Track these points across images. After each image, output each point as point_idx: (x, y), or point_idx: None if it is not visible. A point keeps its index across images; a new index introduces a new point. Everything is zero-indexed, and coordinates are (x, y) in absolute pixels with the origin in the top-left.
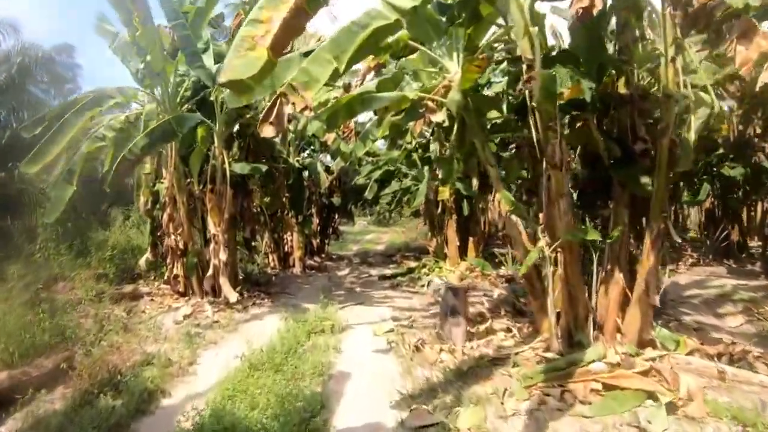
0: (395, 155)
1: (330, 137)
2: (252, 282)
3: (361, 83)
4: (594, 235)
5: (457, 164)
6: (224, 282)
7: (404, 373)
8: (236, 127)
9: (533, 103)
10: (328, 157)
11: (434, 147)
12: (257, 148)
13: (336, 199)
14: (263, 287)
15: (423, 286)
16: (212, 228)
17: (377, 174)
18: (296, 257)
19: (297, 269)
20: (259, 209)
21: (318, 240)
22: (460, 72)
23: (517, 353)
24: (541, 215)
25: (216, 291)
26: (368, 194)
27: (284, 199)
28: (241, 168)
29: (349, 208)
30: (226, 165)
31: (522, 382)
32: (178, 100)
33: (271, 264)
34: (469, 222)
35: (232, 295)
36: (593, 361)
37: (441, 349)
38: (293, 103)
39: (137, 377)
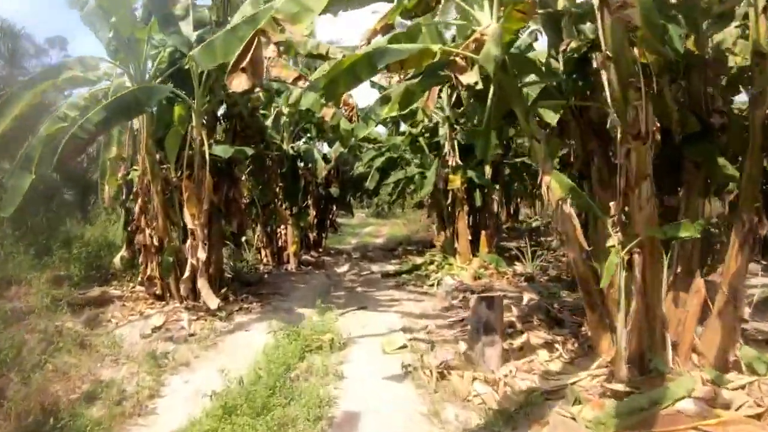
0: (399, 141)
1: (327, 113)
2: (241, 282)
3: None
4: (688, 231)
5: (495, 137)
6: (203, 285)
7: (429, 414)
8: (222, 108)
9: (608, 53)
10: (326, 147)
11: (444, 131)
12: (245, 132)
13: (334, 190)
14: (253, 287)
15: (432, 285)
16: (189, 222)
17: (379, 161)
18: (291, 253)
19: (292, 265)
20: (249, 200)
21: (315, 233)
22: (496, 21)
23: (573, 383)
24: (612, 205)
25: (196, 295)
26: (369, 184)
27: (277, 190)
28: (223, 151)
29: (348, 199)
30: (206, 148)
31: (594, 430)
32: (151, 72)
33: (264, 260)
34: (481, 214)
35: (213, 301)
36: (682, 397)
37: (474, 378)
38: (275, 44)
39: (77, 419)
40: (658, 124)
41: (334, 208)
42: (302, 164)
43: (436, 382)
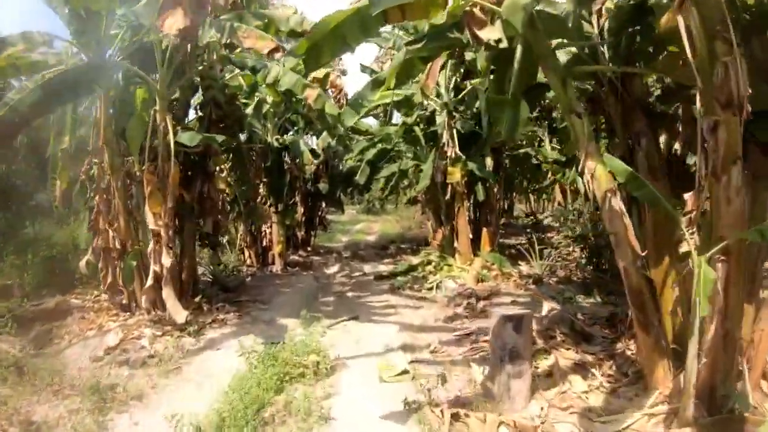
0: (392, 131)
1: (311, 95)
2: (220, 287)
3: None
4: None
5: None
6: (169, 295)
7: None
8: (198, 97)
9: None
10: (314, 140)
11: (441, 119)
12: (224, 121)
13: (323, 185)
14: (233, 294)
15: (431, 289)
16: (151, 222)
17: (371, 154)
18: (276, 253)
19: (277, 267)
20: (231, 197)
21: (303, 232)
22: None
23: (626, 427)
24: (687, 198)
25: (163, 306)
26: (359, 178)
27: (261, 185)
28: (190, 139)
29: (338, 195)
30: (171, 135)
31: None
32: (112, 50)
33: (248, 261)
34: (481, 210)
35: (180, 314)
36: None
37: (500, 422)
38: None
39: None
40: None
41: (324, 204)
42: (289, 158)
43: (449, 426)
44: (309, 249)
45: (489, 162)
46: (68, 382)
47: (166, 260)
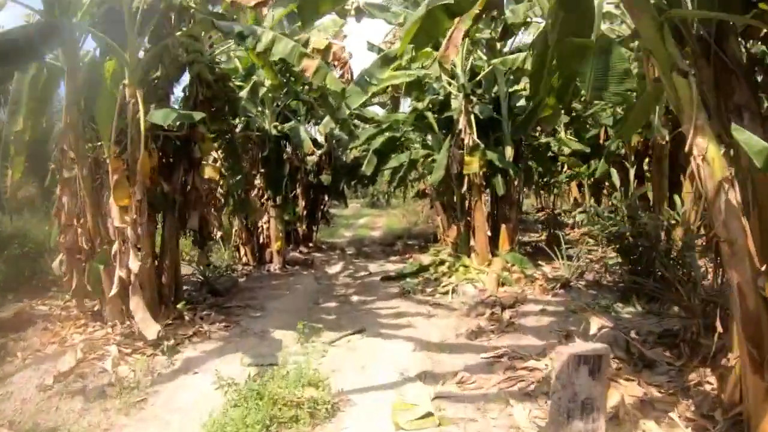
0: (401, 118)
1: (309, 67)
2: (209, 290)
3: None
4: None
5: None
6: (138, 305)
7: None
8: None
9: None
10: (316, 130)
11: (457, 104)
12: (213, 103)
13: (325, 177)
14: (223, 298)
15: (446, 293)
16: (116, 217)
17: (378, 142)
18: (274, 250)
19: (275, 265)
20: (226, 189)
21: (304, 227)
22: None
23: None
24: None
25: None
26: (365, 169)
27: (258, 176)
28: (164, 117)
29: (342, 188)
30: (141, 114)
31: None
32: (79, 16)
33: (243, 259)
34: (500, 204)
35: (150, 329)
36: None
37: None
38: None
39: None
40: None
41: (326, 197)
42: (290, 148)
43: None
44: (310, 245)
45: (509, 152)
46: (9, 418)
47: (134, 264)
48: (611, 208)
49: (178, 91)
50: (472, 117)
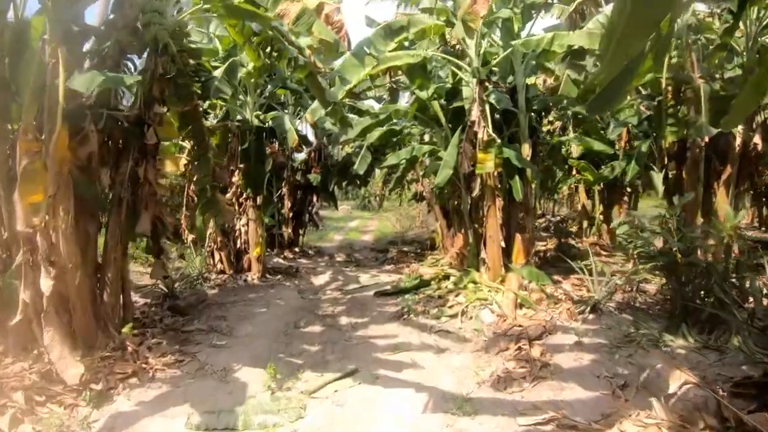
0: (401, 109)
1: (289, 14)
2: (169, 308)
3: None
4: None
5: None
6: (53, 339)
7: None
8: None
9: None
10: (308, 128)
11: (470, 91)
12: (178, 81)
13: (314, 176)
14: (184, 318)
15: (455, 316)
16: (21, 219)
17: (374, 137)
18: (252, 257)
19: (254, 275)
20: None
21: (290, 230)
22: None
23: None
24: None
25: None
26: (358, 167)
27: (237, 172)
28: (87, 82)
29: (332, 188)
30: (61, 79)
31: None
32: None
33: (218, 266)
34: (512, 210)
35: (70, 370)
36: None
37: None
38: None
39: None
40: None
41: (315, 198)
42: (277, 142)
43: None
44: (296, 250)
45: (526, 150)
46: None
47: (45, 283)
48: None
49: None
50: (487, 107)
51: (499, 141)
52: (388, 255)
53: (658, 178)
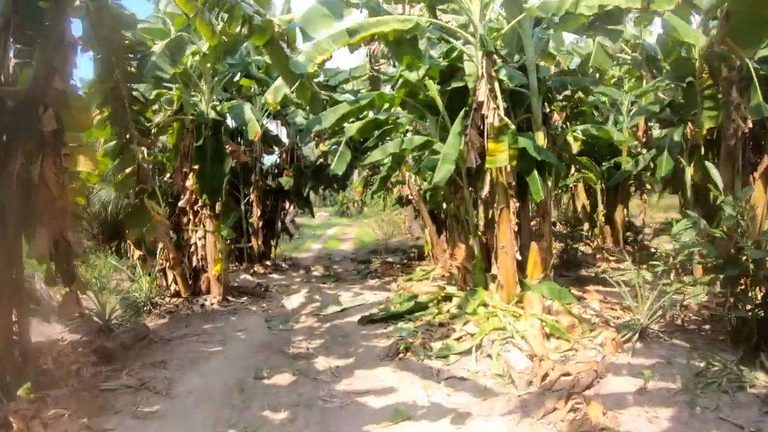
0: (386, 94)
1: None
2: (95, 350)
3: None
4: None
5: None
6: None
7: None
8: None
9: None
10: (276, 125)
11: (473, 66)
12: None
13: (286, 180)
14: (111, 367)
15: (467, 353)
16: None
17: (354, 128)
18: (211, 277)
19: (214, 298)
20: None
21: (260, 241)
22: None
23: None
24: None
25: None
26: (336, 166)
27: (190, 174)
28: None
29: (307, 193)
30: None
31: None
32: None
33: (172, 288)
34: (523, 213)
35: None
36: None
37: None
38: None
39: None
40: None
41: (287, 205)
42: (242, 142)
43: None
44: (268, 264)
45: (540, 139)
46: None
47: None
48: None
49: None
50: (497, 86)
51: (513, 127)
52: (370, 267)
53: (713, 171)
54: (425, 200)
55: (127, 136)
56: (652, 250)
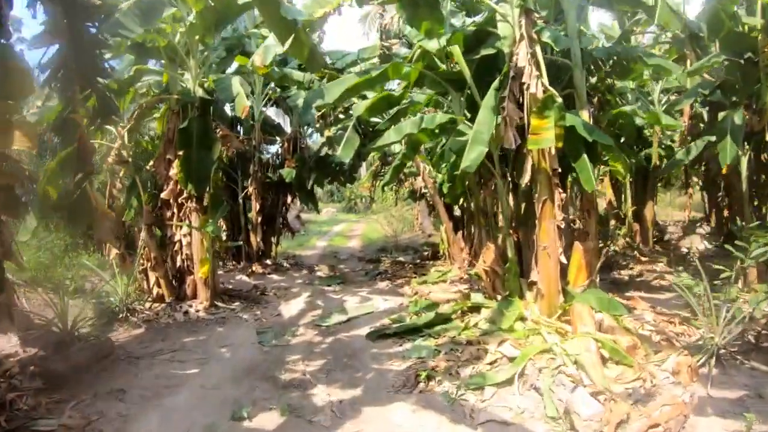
0: (401, 65)
1: None
2: (42, 373)
3: None
4: None
5: None
6: None
7: None
8: None
9: None
10: (277, 112)
11: (508, 29)
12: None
13: (287, 171)
14: (55, 399)
15: (506, 383)
16: None
17: (363, 106)
18: (198, 279)
19: (200, 304)
20: (130, 182)
21: (259, 238)
22: None
23: None
24: None
25: None
26: (342, 153)
27: (175, 162)
28: None
29: (311, 186)
30: None
31: None
32: None
33: (155, 291)
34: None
35: None
36: None
37: None
38: None
39: None
40: None
41: (290, 199)
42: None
43: None
44: (268, 263)
45: (584, 118)
46: None
47: None
48: None
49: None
50: (539, 50)
51: (560, 100)
52: (380, 266)
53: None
54: (441, 193)
55: (70, 104)
56: (683, 250)
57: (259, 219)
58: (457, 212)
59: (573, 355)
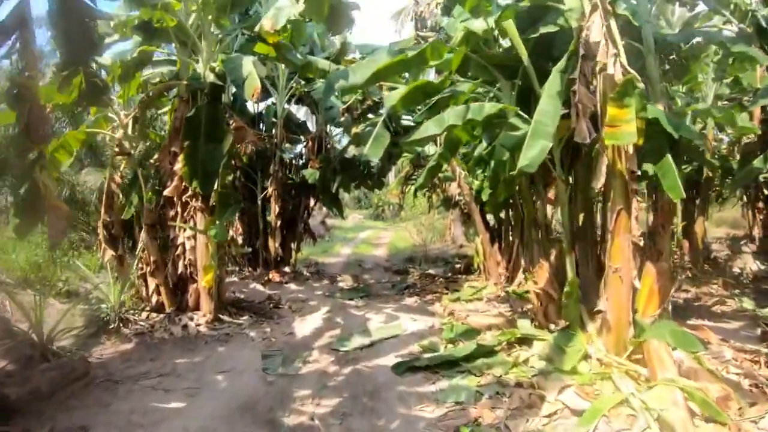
0: (445, 46)
1: None
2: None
3: None
4: None
5: None
6: None
7: None
8: None
9: None
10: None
11: (575, 1)
12: None
13: (310, 172)
14: (14, 426)
15: None
16: None
17: (396, 96)
18: (201, 288)
19: (203, 317)
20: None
21: (277, 243)
22: None
23: None
24: None
25: None
26: (370, 151)
27: (180, 156)
28: None
29: (336, 190)
30: None
31: None
32: None
33: (154, 300)
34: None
35: None
36: None
37: None
38: None
39: None
40: None
41: (312, 203)
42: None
43: None
44: (286, 270)
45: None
46: None
47: None
48: None
49: None
50: (614, 24)
51: (642, 85)
52: (408, 279)
53: None
54: (478, 201)
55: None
56: (735, 270)
57: (279, 223)
58: (491, 221)
59: (654, 410)
